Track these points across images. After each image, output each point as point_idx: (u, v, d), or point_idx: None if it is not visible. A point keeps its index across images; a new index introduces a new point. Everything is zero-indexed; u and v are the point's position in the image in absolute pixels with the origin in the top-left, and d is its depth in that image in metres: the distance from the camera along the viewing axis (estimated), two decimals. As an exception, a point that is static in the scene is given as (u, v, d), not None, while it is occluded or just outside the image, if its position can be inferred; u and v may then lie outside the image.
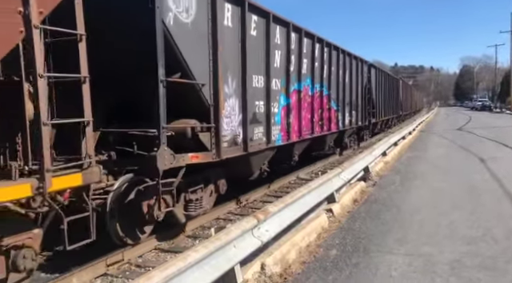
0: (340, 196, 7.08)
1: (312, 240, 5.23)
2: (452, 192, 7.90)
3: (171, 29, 4.80)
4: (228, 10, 5.95)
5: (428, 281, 3.99)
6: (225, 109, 5.89)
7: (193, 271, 3.16)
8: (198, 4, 5.31)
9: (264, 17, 7.00)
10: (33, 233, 3.59)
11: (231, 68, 6.09)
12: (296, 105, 8.49)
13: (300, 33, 8.51)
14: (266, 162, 7.53)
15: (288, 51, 7.93)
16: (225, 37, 5.82)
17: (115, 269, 4.69)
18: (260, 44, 6.92)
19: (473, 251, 4.76)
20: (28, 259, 3.53)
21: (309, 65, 9.16)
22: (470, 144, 16.02)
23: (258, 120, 6.88)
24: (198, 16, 5.30)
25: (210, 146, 5.61)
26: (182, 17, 5.01)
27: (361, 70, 14.27)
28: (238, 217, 6.72)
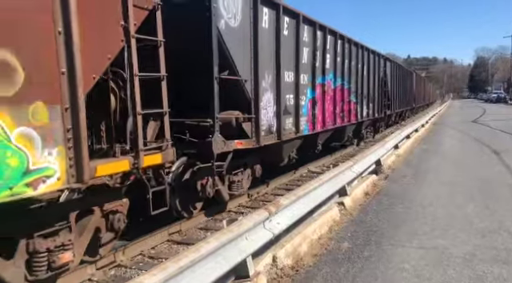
0: (351, 189, 7.05)
1: (323, 233, 5.23)
2: (466, 185, 7.80)
3: (223, 33, 5.67)
4: (265, 14, 6.76)
5: (441, 274, 3.96)
6: (262, 102, 6.70)
7: (205, 262, 3.19)
8: (243, 10, 6.16)
9: (294, 18, 7.73)
10: (122, 202, 4.45)
11: (267, 65, 6.85)
12: (320, 98, 9.20)
13: (324, 31, 9.26)
14: (294, 150, 8.37)
15: (314, 48, 8.70)
16: (263, 38, 6.64)
17: (129, 260, 4.76)
18: (291, 42, 7.67)
19: (487, 244, 4.71)
20: (120, 221, 4.37)
21: (332, 61, 9.88)
22: (485, 136, 15.78)
23: (288, 111, 7.65)
24: (242, 21, 6.17)
25: (251, 134, 6.45)
26: (231, 22, 5.90)
27: (377, 64, 14.88)
28: (249, 209, 6.75)
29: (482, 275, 3.91)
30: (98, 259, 4.44)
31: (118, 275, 4.46)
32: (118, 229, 4.34)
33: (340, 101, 10.65)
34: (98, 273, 4.42)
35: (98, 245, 4.30)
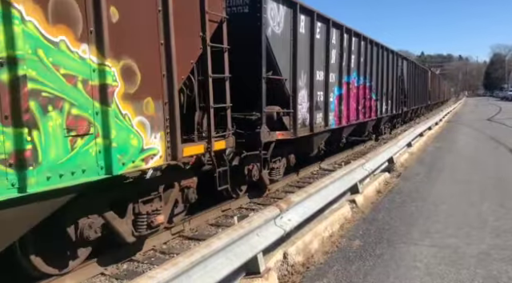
0: (363, 187, 7.01)
1: (335, 230, 5.21)
2: (480, 183, 7.68)
3: (270, 39, 6.68)
4: (302, 21, 7.71)
5: (454, 273, 3.91)
6: (299, 98, 7.65)
7: (217, 258, 3.21)
8: (285, 18, 7.17)
9: (325, 22, 8.74)
10: (193, 179, 5.43)
11: (303, 65, 7.79)
12: (346, 95, 10.19)
13: (350, 34, 10.25)
14: (322, 142, 9.32)
15: (341, 49, 9.74)
16: (300, 42, 7.59)
17: (141, 255, 4.81)
18: (322, 45, 8.67)
19: (501, 244, 4.62)
20: (193, 195, 5.40)
21: (356, 61, 10.89)
22: (500, 135, 15.52)
23: (319, 107, 8.63)
24: (284, 27, 7.14)
25: (289, 127, 7.42)
26: (275, 29, 6.88)
27: (395, 63, 15.89)
28: (259, 206, 6.76)
29: (496, 275, 3.84)
30: (173, 226, 5.39)
31: (130, 269, 4.52)
32: (190, 200, 5.35)
33: (362, 98, 11.55)
34: (111, 268, 4.47)
35: (172, 214, 5.22)
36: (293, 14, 7.36)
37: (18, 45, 2.89)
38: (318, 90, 8.52)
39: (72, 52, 3.36)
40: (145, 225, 4.61)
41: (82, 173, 3.42)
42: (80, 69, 3.43)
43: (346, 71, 10.09)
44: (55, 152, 3.21)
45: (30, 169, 2.97)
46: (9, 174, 2.90)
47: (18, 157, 2.92)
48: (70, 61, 3.34)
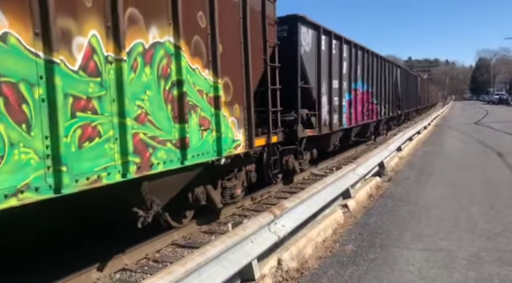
0: (355, 191, 7.06)
1: (328, 235, 5.23)
2: (469, 187, 7.78)
3: (303, 56, 8.45)
4: (323, 40, 9.48)
5: (446, 276, 3.95)
6: (322, 103, 9.34)
7: (211, 266, 3.20)
8: (312, 39, 8.98)
9: (338, 39, 10.52)
10: (252, 166, 6.93)
11: (324, 76, 9.53)
12: (354, 100, 11.92)
13: (356, 48, 12.07)
14: (337, 139, 11.06)
15: (350, 61, 11.49)
16: (322, 57, 9.37)
17: (134, 263, 4.77)
18: (337, 58, 10.40)
19: (492, 246, 4.69)
20: (254, 176, 6.97)
21: (360, 70, 12.66)
22: (488, 138, 15.76)
23: (335, 110, 10.25)
24: (311, 46, 8.95)
25: (315, 126, 9.06)
26: (306, 48, 8.65)
27: (391, 70, 17.88)
28: (253, 213, 6.76)
29: (487, 277, 3.89)
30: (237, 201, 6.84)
31: (123, 279, 4.46)
32: (252, 180, 6.89)
33: (366, 102, 13.39)
34: (104, 278, 4.42)
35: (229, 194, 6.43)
36: (317, 36, 9.17)
37: (182, 72, 4.46)
38: (335, 96, 10.23)
39: (201, 75, 4.88)
40: (228, 195, 6.25)
41: (206, 155, 4.98)
42: (205, 86, 4.95)
43: (353, 79, 11.84)
44: (195, 140, 4.73)
45: (187, 150, 4.52)
46: (177, 153, 4.42)
47: (181, 142, 4.46)
48: (201, 81, 4.86)
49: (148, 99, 4.01)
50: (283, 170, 8.06)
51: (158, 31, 4.16)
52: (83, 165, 3.28)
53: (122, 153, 3.66)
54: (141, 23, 3.94)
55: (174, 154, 4.37)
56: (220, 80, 5.17)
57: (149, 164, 3.97)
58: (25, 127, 2.88)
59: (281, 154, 7.76)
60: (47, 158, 3.02)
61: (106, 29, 3.53)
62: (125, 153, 3.67)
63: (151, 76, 4.07)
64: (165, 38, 4.26)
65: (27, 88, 2.90)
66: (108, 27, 3.55)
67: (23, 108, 2.87)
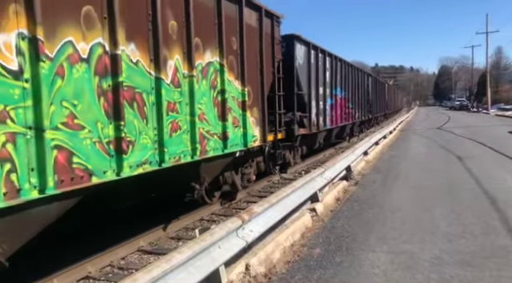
0: (323, 195, 7.18)
1: (296, 239, 5.28)
2: (432, 189, 8.08)
3: (297, 68, 10.18)
4: (312, 54, 11.31)
5: (409, 278, 4.08)
6: (311, 106, 11.15)
7: (177, 272, 3.16)
8: (304, 53, 10.75)
9: (323, 53, 12.48)
10: (261, 158, 8.22)
11: (313, 84, 11.34)
12: (335, 104, 14.01)
13: (336, 59, 14.18)
14: (322, 138, 13.13)
15: (331, 71, 13.58)
16: (311, 68, 11.20)
17: (97, 271, 4.63)
18: (322, 69, 12.32)
19: (453, 247, 4.89)
20: (262, 167, 8.32)
21: (339, 78, 14.78)
22: (449, 143, 16.47)
23: (321, 112, 12.11)
24: (304, 59, 10.71)
25: (307, 126, 10.72)
26: (300, 62, 10.39)
27: (363, 78, 20.48)
28: (222, 218, 6.74)
29: (448, 278, 4.05)
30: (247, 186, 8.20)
31: (86, 287, 4.32)
32: (260, 170, 8.29)
33: (344, 106, 15.51)
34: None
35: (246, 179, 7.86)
36: (307, 50, 10.98)
37: (224, 83, 6.04)
38: (320, 101, 12.12)
39: (234, 85, 6.43)
40: (246, 180, 7.78)
41: (237, 146, 6.55)
42: (236, 93, 6.53)
43: (334, 86, 13.91)
44: (231, 134, 6.23)
45: (227, 141, 6.07)
46: (220, 143, 5.94)
47: (223, 135, 6.01)
48: (234, 90, 6.43)
49: (205, 103, 5.58)
50: (276, 164, 9.37)
51: (210, 53, 5.75)
52: (172, 148, 4.84)
53: (192, 142, 5.24)
54: (201, 49, 5.52)
55: (218, 144, 5.95)
56: (245, 88, 6.76)
57: (205, 150, 5.55)
58: (145, 121, 4.40)
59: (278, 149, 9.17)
60: (155, 143, 4.55)
61: (183, 54, 5.10)
62: (193, 141, 5.25)
63: (206, 86, 5.64)
64: (214, 59, 5.85)
65: (146, 96, 4.43)
66: (184, 53, 5.12)
67: (144, 109, 4.40)
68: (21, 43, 3.09)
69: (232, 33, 6.33)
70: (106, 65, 3.89)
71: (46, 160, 3.20)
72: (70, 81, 3.51)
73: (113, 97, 3.95)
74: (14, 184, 3.01)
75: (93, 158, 3.71)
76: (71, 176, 3.47)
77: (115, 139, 3.96)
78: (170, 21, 4.83)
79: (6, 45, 2.99)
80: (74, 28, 3.57)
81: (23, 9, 3.10)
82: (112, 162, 3.93)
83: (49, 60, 3.30)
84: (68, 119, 3.47)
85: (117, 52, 3.97)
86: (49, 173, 3.22)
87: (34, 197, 3.16)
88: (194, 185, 5.87)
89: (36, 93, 3.18)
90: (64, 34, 3.46)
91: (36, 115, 3.17)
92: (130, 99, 4.16)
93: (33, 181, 3.15)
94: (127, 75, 4.12)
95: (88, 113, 3.68)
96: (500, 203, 6.75)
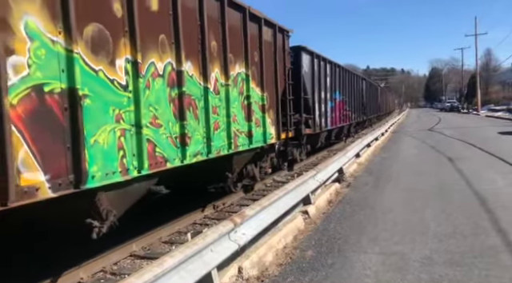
0: (315, 197, 7.24)
1: (288, 242, 5.32)
2: (423, 191, 8.22)
3: (304, 75, 11.77)
4: (315, 62, 12.90)
5: (400, 279, 4.16)
6: (315, 109, 12.65)
7: (170, 276, 3.18)
8: (309, 62, 12.37)
9: (324, 61, 14.05)
10: (274, 154, 9.34)
11: (316, 88, 12.85)
12: (334, 107, 15.57)
13: (335, 66, 15.84)
14: (324, 138, 14.65)
15: (331, 76, 15.18)
16: (314, 74, 12.74)
17: (89, 277, 4.61)
18: (323, 75, 13.98)
19: (443, 248, 4.98)
20: (275, 162, 9.52)
21: (338, 83, 16.38)
22: (440, 144, 16.73)
23: (322, 114, 13.60)
24: (309, 67, 12.34)
25: (311, 126, 12.13)
26: (305, 69, 12.00)
27: (358, 82, 22.37)
28: (214, 221, 6.77)
29: (438, 278, 4.12)
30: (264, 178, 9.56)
31: (78, 293, 4.30)
32: (274, 164, 9.53)
33: (342, 109, 17.18)
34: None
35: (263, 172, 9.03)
36: (311, 59, 12.56)
37: (249, 90, 7.28)
38: (322, 104, 13.64)
39: (256, 91, 7.69)
40: (263, 172, 8.97)
41: (259, 142, 7.73)
42: (257, 98, 7.75)
43: (333, 90, 15.47)
44: (255, 132, 7.43)
45: (252, 138, 7.31)
46: (246, 139, 7.17)
47: (249, 133, 7.24)
48: (256, 95, 7.68)
49: (236, 107, 6.85)
50: (287, 159, 10.64)
51: (239, 66, 7.03)
52: (215, 143, 6.08)
53: (227, 138, 6.48)
54: (233, 62, 6.78)
55: (245, 140, 7.17)
56: (264, 94, 7.99)
57: (236, 145, 6.78)
58: (198, 121, 5.67)
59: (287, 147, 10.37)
60: (204, 138, 5.80)
61: (221, 67, 6.39)
62: (228, 137, 6.50)
63: (236, 93, 6.91)
64: (241, 70, 7.12)
65: (198, 101, 5.71)
66: (222, 66, 6.41)
67: (197, 111, 5.67)
68: (127, 65, 4.35)
69: (254, 49, 7.66)
70: (173, 79, 5.18)
71: (142, 149, 4.45)
72: (153, 92, 4.77)
73: (178, 103, 5.24)
74: (124, 165, 4.25)
75: (167, 149, 4.98)
76: (155, 161, 4.72)
77: (180, 135, 5.24)
78: (212, 43, 6.15)
79: (119, 67, 4.24)
80: (155, 52, 4.84)
81: (128, 41, 4.36)
82: (178, 152, 5.21)
83: (142, 77, 4.53)
84: (153, 119, 4.72)
85: (181, 69, 5.26)
86: (144, 158, 4.48)
87: (135, 175, 4.40)
88: (228, 173, 7.13)
89: (136, 101, 4.43)
90: (150, 57, 4.73)
91: (136, 116, 4.42)
92: (188, 104, 5.46)
93: (134, 164, 4.40)
94: (187, 86, 5.40)
95: (164, 115, 4.95)
96: (490, 204, 6.87)
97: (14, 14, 3.14)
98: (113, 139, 4.09)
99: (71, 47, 3.58)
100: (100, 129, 3.93)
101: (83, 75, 3.71)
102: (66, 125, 3.55)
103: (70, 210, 3.96)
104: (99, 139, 3.91)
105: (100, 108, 3.94)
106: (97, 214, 4.07)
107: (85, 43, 3.79)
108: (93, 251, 4.89)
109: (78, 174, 3.63)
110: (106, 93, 4.03)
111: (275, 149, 9.34)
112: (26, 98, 3.21)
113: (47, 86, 3.41)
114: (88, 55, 3.81)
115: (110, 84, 4.09)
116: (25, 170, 3.17)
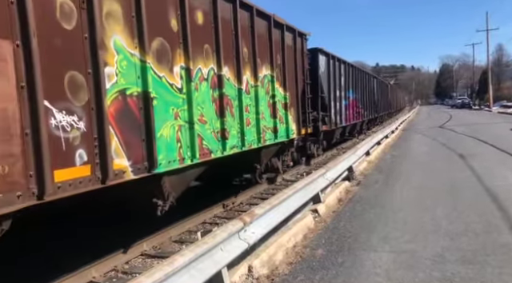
0: (325, 196, 7.25)
1: (298, 240, 5.33)
2: (434, 189, 8.15)
3: (320, 75, 12.57)
4: (331, 63, 13.84)
5: (411, 277, 4.14)
6: (331, 107, 13.56)
7: (180, 275, 3.21)
8: (325, 62, 13.25)
9: (339, 61, 15.00)
10: (293, 149, 9.99)
11: (331, 88, 13.80)
12: (348, 105, 16.54)
13: (348, 66, 16.93)
14: (338, 134, 15.57)
15: (345, 76, 16.25)
16: (330, 74, 13.68)
17: (101, 276, 4.67)
18: (338, 74, 14.87)
19: (454, 246, 4.95)
20: (295, 157, 10.31)
21: (351, 82, 17.37)
22: (451, 142, 16.61)
23: (337, 112, 14.52)
24: (325, 67, 13.20)
25: (327, 123, 12.98)
26: (322, 69, 12.82)
27: (370, 81, 23.42)
28: (224, 220, 6.81)
29: (450, 276, 4.10)
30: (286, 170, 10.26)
31: (90, 292, 4.37)
32: (294, 158, 10.20)
33: (355, 106, 18.22)
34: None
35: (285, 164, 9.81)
36: (327, 60, 13.52)
37: (274, 90, 8.12)
38: (337, 102, 14.54)
39: (280, 90, 8.55)
40: (285, 165, 9.68)
41: (282, 137, 8.59)
42: (281, 97, 8.61)
43: (347, 89, 16.44)
44: (279, 128, 8.35)
45: (277, 134, 8.19)
46: (272, 135, 8.04)
47: (274, 129, 8.08)
48: (279, 94, 8.53)
49: (263, 105, 7.70)
50: (307, 154, 11.71)
51: (265, 68, 7.87)
52: (248, 137, 6.94)
53: (257, 133, 7.37)
54: (261, 66, 7.64)
55: (271, 135, 8.06)
56: (287, 93, 8.86)
57: (264, 139, 7.64)
58: (233, 118, 6.55)
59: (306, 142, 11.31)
60: (239, 133, 6.68)
61: (251, 70, 7.24)
62: (258, 133, 7.38)
63: (263, 93, 7.74)
64: (267, 72, 7.96)
65: (233, 101, 6.59)
66: (251, 69, 7.27)
67: (233, 110, 6.55)
68: (181, 72, 5.26)
69: (277, 52, 8.54)
70: (215, 82, 6.09)
71: (194, 141, 5.36)
72: (200, 93, 5.67)
73: (219, 103, 6.14)
74: (181, 155, 5.16)
75: (211, 142, 5.89)
76: (203, 152, 5.63)
77: (221, 130, 6.15)
78: (243, 49, 7.01)
79: (176, 73, 5.15)
80: (201, 59, 5.74)
81: (182, 51, 5.28)
82: (219, 145, 6.11)
83: (192, 81, 5.43)
84: (200, 117, 5.62)
85: (221, 73, 6.17)
86: (195, 149, 5.39)
87: (189, 163, 5.33)
88: (256, 165, 8.00)
89: (188, 101, 5.35)
90: (197, 64, 5.63)
91: (189, 114, 5.34)
92: (226, 104, 6.35)
93: (188, 154, 5.32)
94: (225, 88, 6.31)
95: (208, 113, 5.85)
96: (502, 201, 6.80)
97: (107, 34, 4.08)
98: (173, 133, 5.02)
99: (144, 58, 4.51)
100: (164, 125, 4.85)
101: (153, 81, 4.63)
102: (141, 122, 4.49)
103: (142, 191, 4.85)
104: (164, 133, 4.83)
105: (163, 107, 4.86)
106: (161, 195, 4.99)
107: (152, 54, 4.70)
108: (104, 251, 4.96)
109: (151, 161, 4.55)
110: (167, 95, 4.95)
111: (294, 144, 10.07)
112: (115, 100, 4.12)
113: (128, 90, 4.33)
114: (155, 64, 4.73)
115: (169, 87, 5.02)
116: (116, 157, 4.08)
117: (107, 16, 4.10)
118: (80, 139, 3.68)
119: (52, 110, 3.41)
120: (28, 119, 3.22)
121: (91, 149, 3.80)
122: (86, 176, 3.72)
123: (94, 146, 3.83)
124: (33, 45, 3.23)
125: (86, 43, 3.81)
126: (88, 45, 3.83)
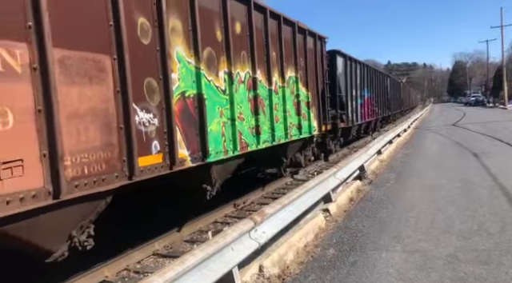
0: (336, 195, 7.25)
1: (309, 240, 5.33)
2: (447, 188, 8.07)
3: (338, 76, 13.79)
4: (348, 64, 14.81)
5: (424, 277, 4.11)
6: (348, 105, 14.44)
7: (191, 275, 3.24)
8: (342, 64, 14.34)
9: (355, 62, 16.06)
10: (314, 144, 11.03)
11: (348, 87, 14.70)
12: (363, 103, 17.46)
13: (363, 66, 17.95)
14: (354, 131, 16.66)
15: (361, 76, 17.24)
16: (347, 74, 14.67)
17: (114, 275, 4.73)
18: (354, 75, 15.82)
19: (468, 245, 4.90)
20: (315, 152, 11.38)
21: (366, 81, 18.41)
22: (465, 140, 16.44)
23: (354, 110, 15.42)
24: (342, 68, 14.30)
25: (345, 120, 13.95)
26: (339, 70, 13.97)
27: (383, 79, 24.62)
28: (235, 220, 6.88)
29: (463, 276, 4.07)
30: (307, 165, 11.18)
31: (102, 291, 4.43)
32: (315, 153, 11.22)
33: (370, 105, 19.30)
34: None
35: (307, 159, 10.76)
36: (345, 61, 14.53)
37: (298, 90, 9.03)
38: (353, 101, 15.46)
39: (303, 90, 9.34)
40: (307, 159, 10.59)
41: (305, 133, 9.46)
42: (304, 96, 9.42)
43: (362, 88, 17.38)
44: (303, 125, 9.15)
45: (301, 130, 9.07)
46: (297, 131, 8.94)
47: (299, 125, 8.96)
48: (303, 94, 9.33)
49: (289, 104, 8.52)
50: (325, 150, 12.44)
51: (290, 70, 8.69)
52: (277, 133, 7.81)
53: (284, 129, 8.21)
54: (287, 68, 8.45)
55: (296, 131, 8.89)
56: (309, 92, 9.74)
57: (290, 135, 8.51)
58: (265, 116, 7.39)
59: (325, 139, 12.14)
60: (269, 129, 7.54)
61: (279, 72, 8.09)
62: (285, 129, 8.22)
63: (289, 93, 8.56)
64: (292, 74, 8.80)
65: (265, 100, 7.45)
66: (279, 72, 8.12)
67: (264, 108, 7.40)
68: (225, 76, 6.15)
69: (300, 55, 9.38)
70: (250, 84, 6.98)
71: (235, 136, 6.26)
72: (239, 94, 6.56)
73: (254, 102, 7.04)
74: (225, 147, 6.04)
75: (248, 136, 6.78)
76: (242, 145, 6.52)
77: (255, 126, 7.04)
78: (272, 53, 7.88)
79: (220, 77, 6.04)
80: (239, 64, 6.64)
81: (225, 58, 6.17)
82: (254, 139, 7.01)
83: (233, 83, 6.31)
84: (239, 115, 6.50)
85: (255, 76, 7.07)
86: (236, 142, 6.29)
87: (232, 155, 6.19)
88: (283, 158, 8.86)
89: (231, 101, 6.24)
90: (236, 69, 6.51)
91: (231, 112, 6.23)
92: (259, 103, 7.22)
93: (231, 147, 6.20)
94: (259, 89, 7.19)
95: (245, 111, 6.74)
96: (518, 200, 6.66)
97: (172, 46, 4.94)
98: (219, 128, 5.91)
99: (198, 65, 5.42)
100: (212, 121, 5.74)
101: (204, 84, 5.52)
102: (196, 119, 5.38)
103: (195, 178, 5.66)
104: (212, 128, 5.73)
105: (212, 107, 5.76)
106: (209, 181, 5.91)
107: (204, 62, 5.59)
108: (116, 250, 5.01)
109: (204, 152, 5.45)
110: (214, 96, 5.85)
111: (314, 140, 10.96)
112: (178, 101, 5.02)
113: (187, 92, 5.23)
114: (206, 70, 5.62)
115: (216, 90, 5.92)
116: (179, 148, 4.95)
117: (172, 31, 4.99)
118: (155, 133, 4.59)
119: (137, 110, 4.32)
120: (122, 116, 4.11)
121: (162, 140, 4.71)
122: (159, 162, 4.63)
123: (164, 138, 4.74)
124: (125, 58, 4.13)
125: (157, 55, 4.72)
126: (159, 56, 4.74)
